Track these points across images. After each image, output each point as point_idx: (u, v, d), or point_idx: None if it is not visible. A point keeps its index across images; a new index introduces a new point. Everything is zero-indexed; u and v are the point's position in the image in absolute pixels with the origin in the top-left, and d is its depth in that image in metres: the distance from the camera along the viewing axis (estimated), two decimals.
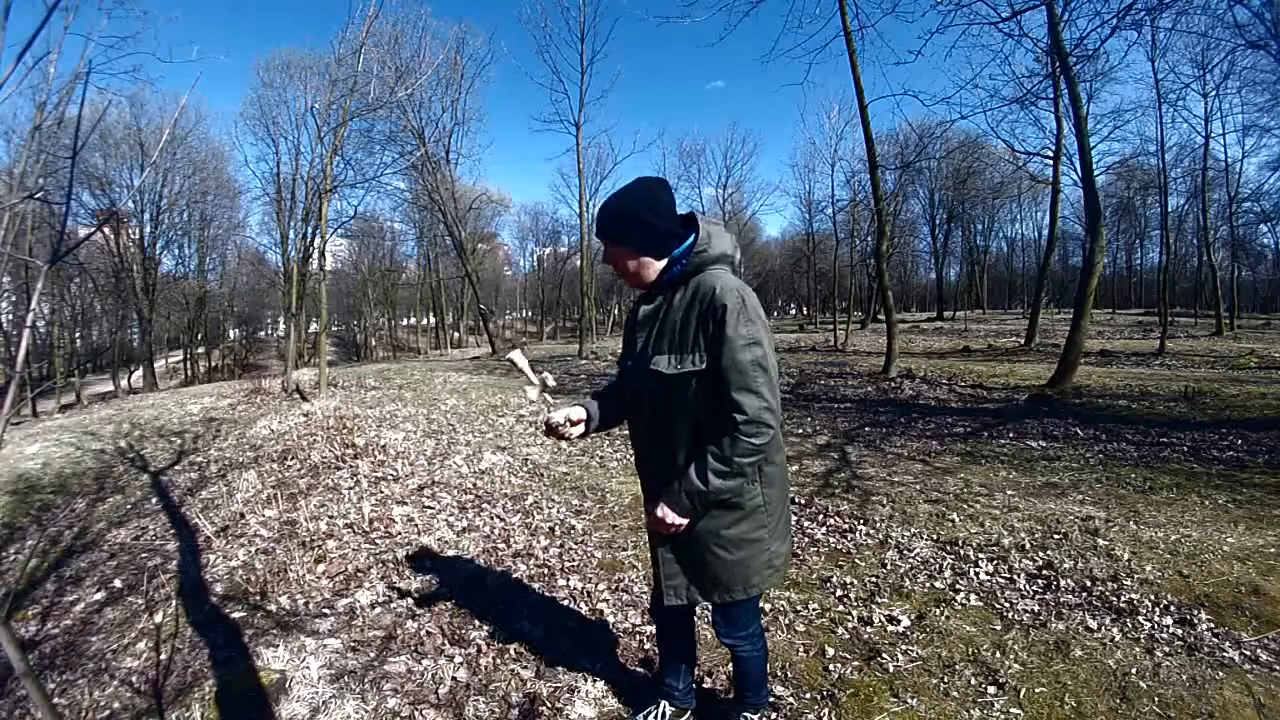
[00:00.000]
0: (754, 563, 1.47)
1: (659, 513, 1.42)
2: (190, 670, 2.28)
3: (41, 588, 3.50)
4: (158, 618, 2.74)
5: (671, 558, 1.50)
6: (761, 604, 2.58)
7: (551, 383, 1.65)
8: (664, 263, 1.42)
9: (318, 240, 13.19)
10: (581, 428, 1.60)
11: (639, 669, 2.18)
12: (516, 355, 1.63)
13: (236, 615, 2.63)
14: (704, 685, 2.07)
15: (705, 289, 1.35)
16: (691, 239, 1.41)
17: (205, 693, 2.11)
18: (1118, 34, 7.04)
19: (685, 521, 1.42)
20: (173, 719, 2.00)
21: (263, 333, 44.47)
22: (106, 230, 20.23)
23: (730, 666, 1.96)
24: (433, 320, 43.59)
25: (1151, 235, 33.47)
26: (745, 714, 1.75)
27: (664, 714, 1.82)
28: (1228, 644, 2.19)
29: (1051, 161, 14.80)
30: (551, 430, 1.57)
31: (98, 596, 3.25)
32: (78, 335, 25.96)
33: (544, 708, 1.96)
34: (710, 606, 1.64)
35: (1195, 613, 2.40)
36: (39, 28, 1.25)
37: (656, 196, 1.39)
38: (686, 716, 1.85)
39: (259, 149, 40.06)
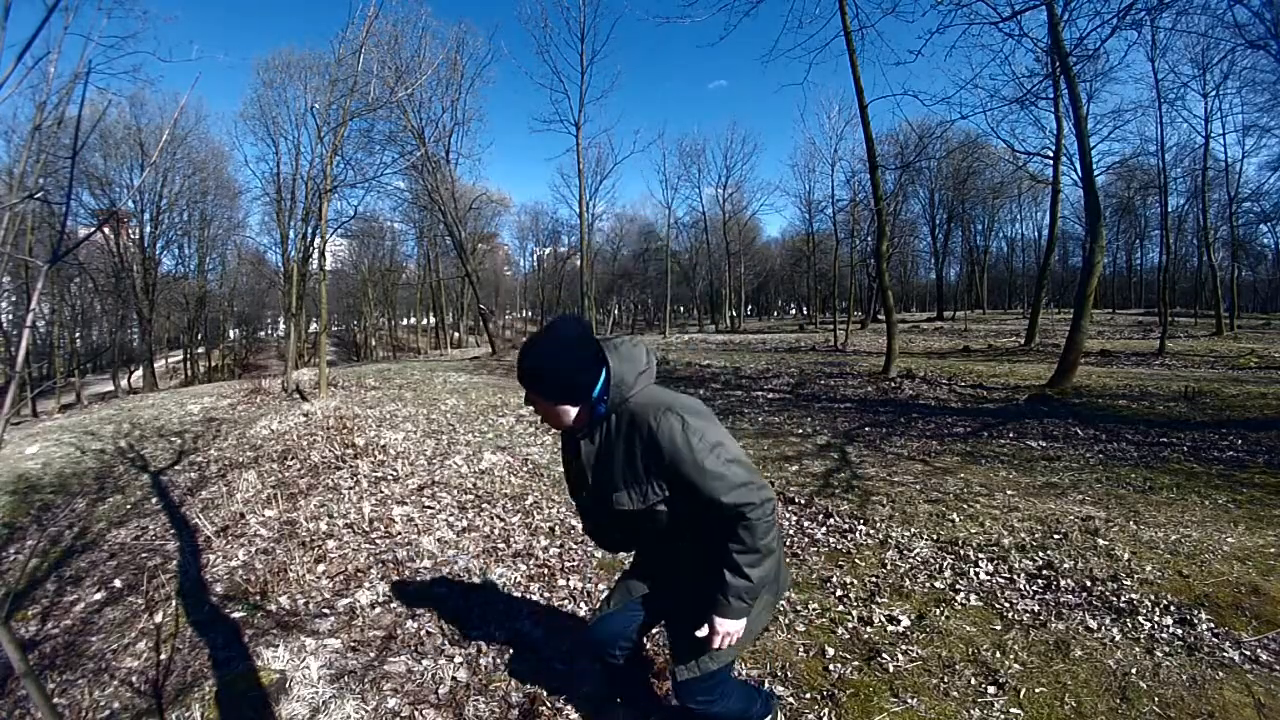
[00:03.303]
0: (757, 616, 1.46)
1: (719, 629, 1.37)
2: (190, 670, 2.28)
3: (41, 588, 3.50)
4: (158, 618, 2.74)
5: (683, 637, 1.47)
6: None
7: None
8: (581, 407, 1.38)
9: (318, 240, 13.19)
10: None
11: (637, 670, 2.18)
12: None
13: (236, 615, 2.63)
14: None
15: (641, 422, 1.31)
16: (604, 378, 1.35)
17: (205, 693, 2.11)
18: (1118, 34, 7.04)
19: (744, 623, 1.39)
20: (173, 719, 2.00)
21: (263, 333, 44.50)
22: (106, 230, 20.23)
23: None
24: (433, 320, 43.58)
25: (1151, 235, 33.46)
26: None
27: None
28: (1228, 644, 2.19)
29: (1051, 161, 14.83)
30: None
31: (98, 596, 3.25)
32: (78, 335, 25.96)
33: (544, 708, 1.96)
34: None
35: (1195, 613, 2.40)
36: (39, 28, 1.25)
37: (573, 352, 1.33)
38: None
39: (259, 149, 40.13)
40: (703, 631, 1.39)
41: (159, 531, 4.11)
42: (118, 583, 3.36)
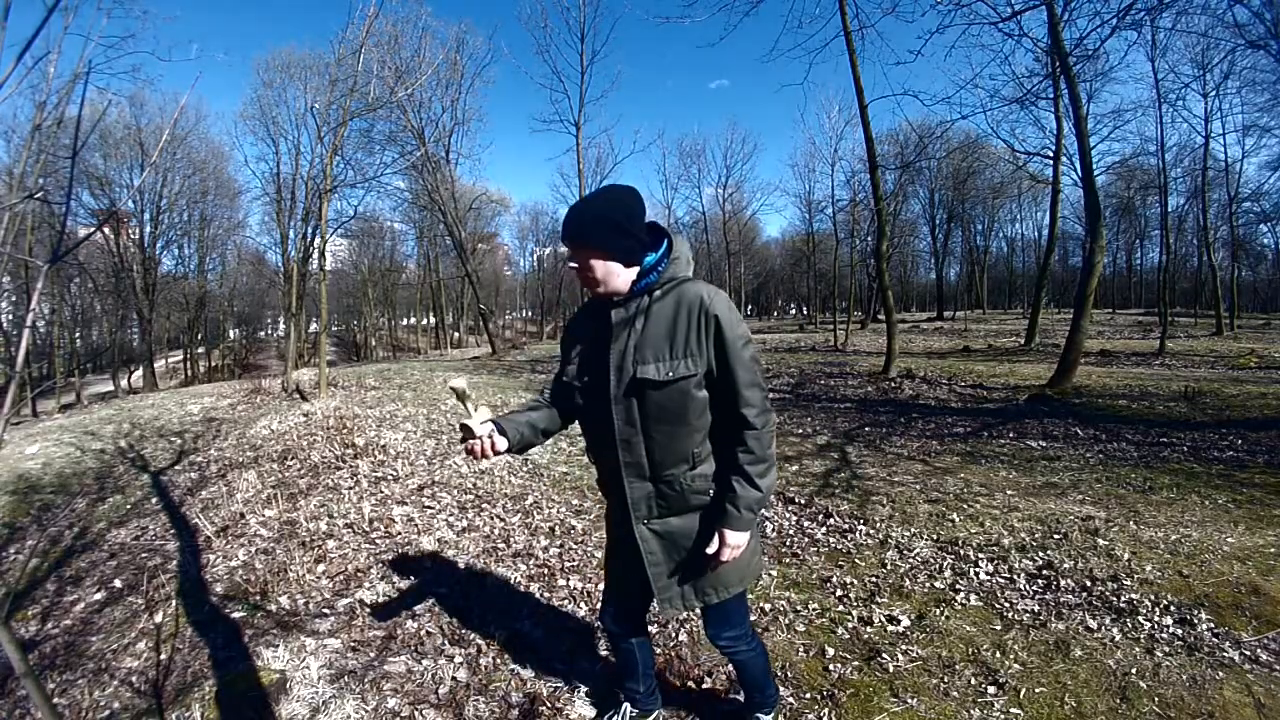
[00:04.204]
0: (747, 551, 1.47)
1: (729, 542, 1.38)
2: (190, 670, 2.28)
3: (41, 588, 3.50)
4: (158, 618, 2.74)
5: (664, 570, 1.46)
6: (762, 604, 2.58)
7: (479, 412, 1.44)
8: (633, 271, 1.38)
9: (318, 240, 13.20)
10: (503, 444, 1.46)
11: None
12: (459, 383, 1.40)
13: (236, 615, 2.63)
14: (704, 685, 2.07)
15: (692, 297, 1.35)
16: (665, 248, 1.41)
17: (205, 693, 2.11)
18: (1118, 34, 7.05)
19: (748, 536, 1.42)
20: (173, 719, 2.00)
21: (263, 333, 44.54)
22: (106, 230, 20.23)
23: (730, 666, 1.96)
24: (433, 320, 43.58)
25: (1151, 235, 33.45)
26: (759, 715, 1.76)
27: (625, 715, 1.83)
28: (1228, 644, 2.19)
29: (1051, 161, 14.83)
30: (473, 450, 1.42)
31: (98, 596, 3.25)
32: (78, 335, 25.98)
33: (544, 708, 1.96)
34: (699, 612, 1.61)
35: (1195, 613, 2.40)
36: (39, 28, 1.26)
37: (630, 205, 1.35)
38: (654, 717, 1.86)
39: (259, 149, 40.22)
40: (712, 547, 1.41)
41: (159, 531, 4.11)
42: (118, 583, 3.36)
